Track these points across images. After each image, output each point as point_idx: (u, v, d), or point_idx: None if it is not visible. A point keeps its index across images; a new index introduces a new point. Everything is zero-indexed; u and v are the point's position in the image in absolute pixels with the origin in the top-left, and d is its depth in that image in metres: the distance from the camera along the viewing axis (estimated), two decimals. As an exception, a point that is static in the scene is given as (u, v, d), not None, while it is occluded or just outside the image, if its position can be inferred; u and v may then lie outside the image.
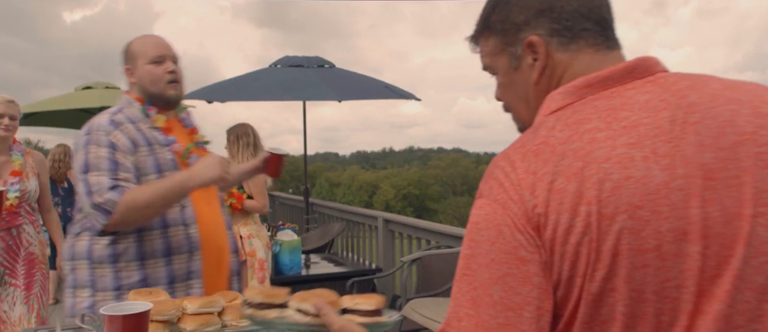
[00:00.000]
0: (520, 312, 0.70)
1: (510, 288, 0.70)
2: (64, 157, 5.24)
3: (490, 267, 0.71)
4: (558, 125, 0.74)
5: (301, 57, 5.35)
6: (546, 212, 0.69)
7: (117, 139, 1.67)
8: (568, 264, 0.69)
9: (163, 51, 1.77)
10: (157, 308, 1.39)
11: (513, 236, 0.70)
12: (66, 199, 5.24)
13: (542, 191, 0.70)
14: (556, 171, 0.70)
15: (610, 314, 0.69)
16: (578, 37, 0.79)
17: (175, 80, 1.78)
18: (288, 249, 3.74)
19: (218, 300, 1.52)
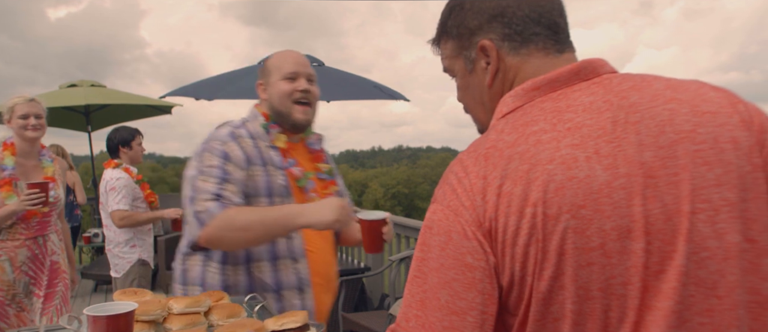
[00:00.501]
0: (464, 317, 0.73)
1: (455, 293, 0.73)
2: (58, 157, 5.21)
3: (439, 272, 0.74)
4: (507, 128, 0.77)
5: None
6: (495, 215, 0.71)
7: (232, 150, 1.58)
8: (519, 264, 0.71)
9: (298, 68, 1.66)
10: (143, 308, 1.37)
11: (461, 242, 0.73)
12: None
13: (492, 195, 0.72)
14: (505, 175, 0.72)
15: (560, 311, 0.71)
16: (528, 41, 0.82)
17: (306, 102, 1.65)
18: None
19: (204, 300, 1.51)
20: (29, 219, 2.55)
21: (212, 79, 5.39)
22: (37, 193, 2.44)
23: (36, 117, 2.56)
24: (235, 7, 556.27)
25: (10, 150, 2.55)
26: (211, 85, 5.24)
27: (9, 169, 2.51)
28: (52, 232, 2.69)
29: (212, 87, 5.17)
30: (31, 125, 2.54)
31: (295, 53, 1.71)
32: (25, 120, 2.53)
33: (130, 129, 3.71)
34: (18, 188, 2.49)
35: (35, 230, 2.60)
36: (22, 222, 2.54)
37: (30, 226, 2.58)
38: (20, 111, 2.51)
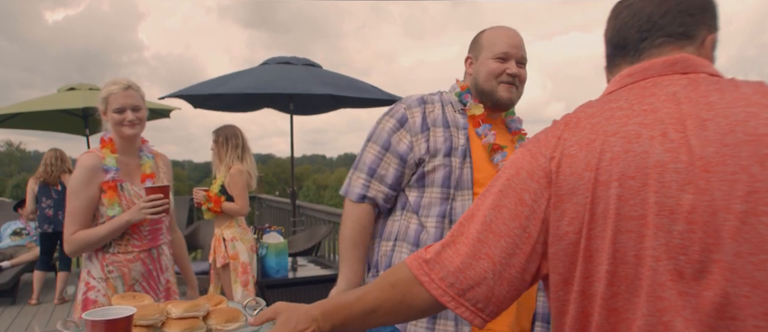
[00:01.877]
0: (499, 239, 0.83)
1: (500, 217, 0.84)
2: (57, 161, 5.23)
3: (497, 195, 0.85)
4: (594, 103, 0.87)
5: (289, 57, 5.34)
6: (558, 171, 0.81)
7: (412, 115, 1.59)
8: (568, 220, 0.80)
9: (511, 50, 1.62)
10: (141, 312, 1.37)
11: (525, 180, 0.83)
12: (59, 202, 5.19)
13: (559, 154, 0.82)
14: (575, 140, 0.82)
15: (597, 272, 0.79)
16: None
17: (513, 84, 1.62)
18: (274, 251, 3.72)
19: (203, 304, 1.51)
20: (139, 227, 2.11)
21: (211, 82, 5.37)
22: (159, 199, 2.04)
23: (133, 109, 2.08)
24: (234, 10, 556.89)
25: (109, 148, 2.10)
26: (209, 87, 5.21)
27: (113, 171, 2.06)
28: (165, 243, 2.23)
29: (211, 88, 5.14)
30: (128, 120, 2.07)
31: (510, 33, 1.65)
32: (121, 114, 2.06)
33: None
34: (124, 192, 2.08)
35: (148, 240, 2.14)
36: (134, 232, 2.09)
37: (142, 235, 2.12)
38: (115, 103, 2.06)
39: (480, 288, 0.84)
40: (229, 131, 3.62)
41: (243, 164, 3.53)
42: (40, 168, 5.24)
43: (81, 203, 2.02)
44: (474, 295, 0.85)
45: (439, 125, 1.59)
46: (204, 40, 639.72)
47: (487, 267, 0.84)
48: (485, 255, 0.84)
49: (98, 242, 2.04)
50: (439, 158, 1.55)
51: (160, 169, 2.25)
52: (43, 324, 4.76)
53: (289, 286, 3.82)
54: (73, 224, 2.03)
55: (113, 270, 2.06)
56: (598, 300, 0.79)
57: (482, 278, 0.84)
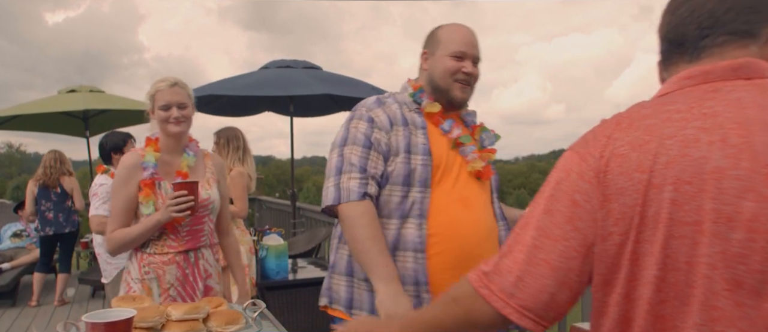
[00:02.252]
0: (555, 243, 0.82)
1: (554, 221, 0.82)
2: (56, 163, 5.21)
3: (548, 200, 0.84)
4: (649, 104, 0.83)
5: (289, 60, 5.35)
6: (606, 171, 0.79)
7: (377, 115, 1.62)
8: (615, 221, 0.78)
9: (467, 49, 1.64)
10: (141, 315, 1.37)
11: (576, 181, 0.82)
12: (58, 205, 5.19)
13: (609, 153, 0.80)
14: (627, 140, 0.79)
15: (645, 276, 0.76)
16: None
17: (468, 83, 1.66)
18: (274, 253, 3.72)
19: (203, 306, 1.51)
20: (177, 227, 2.02)
21: (211, 85, 5.37)
22: (183, 195, 1.93)
23: (179, 107, 2.02)
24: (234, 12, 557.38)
25: (153, 146, 2.07)
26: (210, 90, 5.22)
27: (151, 168, 2.01)
28: (205, 246, 2.10)
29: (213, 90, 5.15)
30: (173, 117, 2.01)
31: (466, 31, 1.67)
32: (166, 111, 2.01)
33: (122, 134, 3.68)
34: (161, 190, 2.01)
35: (186, 242, 2.04)
36: (171, 232, 2.01)
37: (179, 236, 2.03)
38: (161, 100, 2.02)
39: (542, 296, 0.83)
40: (231, 133, 3.62)
41: (244, 166, 3.54)
42: (40, 170, 5.23)
43: (120, 202, 2.00)
44: (535, 304, 0.83)
45: (399, 124, 1.62)
46: (204, 41, 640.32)
47: (546, 273, 0.82)
48: (543, 261, 0.82)
49: (133, 242, 2.00)
50: (400, 156, 1.58)
51: (206, 169, 2.15)
52: (42, 326, 4.76)
53: (290, 288, 3.82)
54: (113, 222, 2.01)
55: (149, 271, 2.00)
56: (644, 305, 0.77)
57: (542, 285, 0.82)
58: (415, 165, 1.57)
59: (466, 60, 1.63)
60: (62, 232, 5.22)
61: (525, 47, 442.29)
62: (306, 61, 5.37)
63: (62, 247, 5.37)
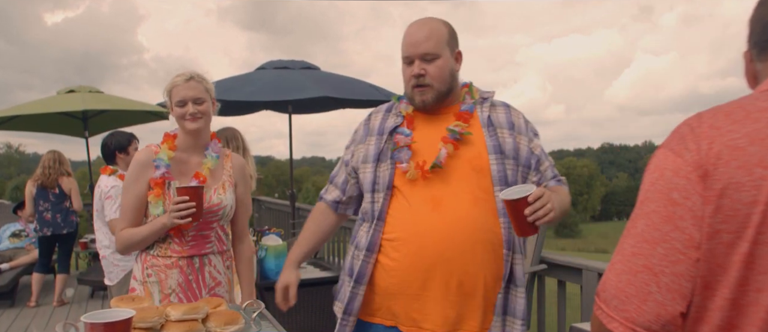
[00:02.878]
0: (654, 246, 0.75)
1: (652, 223, 0.76)
2: (55, 163, 5.19)
3: (643, 203, 0.78)
4: (763, 97, 0.77)
5: (287, 60, 5.35)
6: (717, 164, 0.72)
7: (360, 127, 1.78)
8: (727, 218, 0.71)
9: (409, 51, 1.62)
10: (140, 315, 1.37)
11: (671, 179, 0.75)
12: (56, 205, 5.18)
13: (719, 145, 0.73)
14: (744, 132, 0.73)
15: (763, 282, 0.70)
16: None
17: (420, 85, 1.60)
18: (274, 253, 3.72)
19: (202, 306, 1.51)
20: (182, 231, 1.92)
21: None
22: (184, 201, 1.81)
23: (195, 102, 1.91)
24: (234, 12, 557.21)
25: (168, 143, 1.96)
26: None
27: (162, 167, 1.91)
28: (213, 252, 1.98)
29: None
30: (190, 114, 1.91)
31: (411, 30, 1.63)
32: (182, 107, 1.91)
33: (126, 134, 3.68)
34: (170, 191, 1.92)
35: (190, 247, 1.93)
36: (175, 235, 1.92)
37: (183, 241, 1.93)
38: (177, 96, 1.91)
39: (648, 306, 0.75)
40: (229, 133, 3.62)
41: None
42: (38, 171, 5.22)
43: (130, 200, 1.93)
44: (642, 316, 0.75)
45: (375, 133, 1.70)
46: (204, 42, 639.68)
47: (649, 279, 0.75)
48: (643, 268, 0.75)
49: (140, 243, 1.93)
50: (368, 165, 1.67)
51: (223, 171, 2.03)
52: (41, 326, 4.76)
53: (289, 288, 3.82)
54: (122, 220, 1.95)
55: (151, 274, 1.92)
56: (761, 312, 0.70)
57: (646, 294, 0.75)
58: (381, 171, 1.63)
59: (414, 62, 1.60)
60: (60, 233, 5.22)
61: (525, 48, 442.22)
62: (303, 62, 5.37)
63: (61, 248, 5.36)
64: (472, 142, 1.60)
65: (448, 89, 1.62)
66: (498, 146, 1.59)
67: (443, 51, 1.60)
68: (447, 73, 1.61)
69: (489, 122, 1.62)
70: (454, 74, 1.65)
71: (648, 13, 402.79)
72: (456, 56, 1.65)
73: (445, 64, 1.60)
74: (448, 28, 1.63)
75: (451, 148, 1.58)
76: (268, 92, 4.82)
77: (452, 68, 1.63)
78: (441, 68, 1.59)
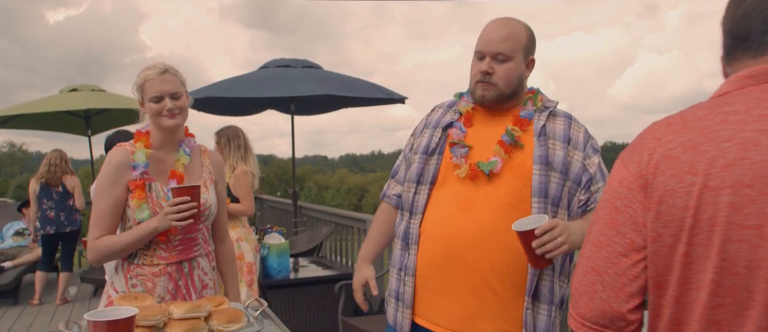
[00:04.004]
0: (600, 250, 0.83)
1: (600, 230, 0.84)
2: (60, 162, 5.22)
3: (597, 211, 0.87)
4: (704, 105, 0.82)
5: (289, 59, 5.35)
6: (655, 173, 0.78)
7: (421, 123, 1.77)
8: (666, 223, 0.77)
9: (484, 47, 1.59)
10: (143, 313, 1.37)
11: (617, 189, 0.83)
12: (60, 204, 5.20)
13: (658, 155, 0.79)
14: (679, 142, 0.78)
15: (700, 280, 0.75)
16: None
17: (486, 82, 1.59)
18: (276, 252, 3.73)
19: (205, 304, 1.51)
20: (169, 236, 1.81)
21: (210, 87, 5.37)
22: (185, 202, 1.71)
23: (172, 97, 1.79)
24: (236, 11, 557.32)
25: (143, 142, 1.84)
26: (210, 91, 5.22)
27: (141, 167, 1.79)
28: (200, 255, 1.89)
29: (212, 92, 5.15)
30: (167, 109, 1.78)
31: (491, 28, 1.61)
32: (158, 103, 1.78)
33: (130, 133, 3.69)
34: (152, 193, 1.80)
35: (178, 252, 1.83)
36: (162, 241, 1.80)
37: (171, 246, 1.82)
38: (151, 90, 1.78)
39: (595, 304, 0.83)
40: (231, 131, 3.63)
41: (247, 165, 3.54)
42: (43, 168, 5.24)
43: (106, 205, 1.78)
44: (592, 313, 0.84)
45: (430, 127, 1.70)
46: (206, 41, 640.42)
47: (595, 279, 0.83)
48: (592, 270, 0.84)
49: (122, 251, 1.78)
50: (417, 155, 1.67)
51: (203, 169, 1.93)
52: (44, 324, 4.77)
53: (291, 287, 3.82)
54: (97, 228, 1.78)
55: (137, 284, 1.79)
56: (699, 309, 0.75)
57: (592, 291, 0.83)
58: (430, 164, 1.65)
59: (485, 58, 1.59)
60: (64, 231, 5.23)
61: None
62: (306, 61, 5.38)
63: (64, 246, 5.38)
64: (521, 150, 1.58)
65: (512, 91, 1.61)
66: (544, 157, 1.55)
67: (517, 55, 1.59)
68: (514, 77, 1.59)
69: (542, 132, 1.59)
70: (522, 80, 1.63)
71: (652, 11, 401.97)
72: (529, 63, 1.64)
73: (515, 68, 1.59)
74: (527, 34, 1.62)
75: (504, 154, 1.57)
76: (270, 89, 4.83)
77: (521, 74, 1.61)
78: (510, 71, 1.58)
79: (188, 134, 1.93)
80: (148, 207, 1.78)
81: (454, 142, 1.63)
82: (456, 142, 1.62)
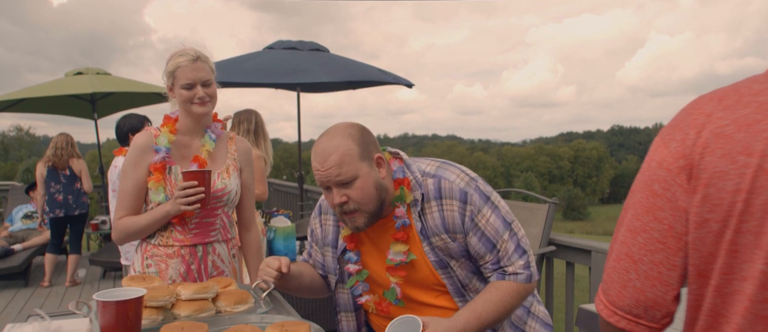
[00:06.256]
0: (635, 236, 0.77)
1: (636, 213, 0.78)
2: (67, 146, 5.25)
3: (632, 194, 0.80)
4: (763, 77, 0.73)
5: (295, 41, 5.31)
6: (703, 152, 0.71)
7: (315, 227, 1.70)
8: (714, 207, 0.70)
9: (322, 180, 1.45)
10: (151, 294, 1.38)
11: (655, 171, 0.76)
12: (67, 187, 5.24)
13: (707, 134, 0.71)
14: (732, 118, 0.70)
15: (748, 270, 0.69)
16: None
17: (345, 213, 1.45)
18: (282, 235, 3.74)
19: (212, 286, 1.52)
20: (185, 219, 1.84)
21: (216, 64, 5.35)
22: (193, 186, 1.74)
23: (203, 85, 1.81)
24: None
25: (169, 127, 1.86)
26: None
27: (163, 151, 1.82)
28: (217, 241, 1.90)
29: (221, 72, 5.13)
30: (198, 97, 1.81)
31: (318, 155, 1.44)
32: (190, 90, 1.80)
33: (139, 116, 3.71)
34: (172, 176, 1.83)
35: (193, 235, 1.85)
36: (178, 223, 1.84)
37: (186, 229, 1.85)
38: (183, 78, 1.80)
39: (628, 293, 0.79)
40: (244, 115, 3.62)
41: (259, 149, 3.55)
42: (49, 152, 5.27)
43: (128, 186, 1.83)
44: (625, 301, 0.79)
45: (329, 244, 1.64)
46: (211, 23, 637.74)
47: (630, 267, 0.78)
48: (626, 256, 0.79)
49: (141, 232, 1.83)
50: (331, 275, 1.65)
51: (228, 155, 1.93)
52: (55, 305, 4.83)
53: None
54: (120, 208, 1.84)
55: (151, 264, 1.84)
56: (744, 302, 0.70)
57: (627, 280, 0.78)
58: (345, 295, 1.64)
59: (332, 189, 1.43)
60: (72, 214, 5.28)
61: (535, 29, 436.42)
62: (312, 43, 5.34)
63: (72, 229, 5.43)
64: (418, 265, 1.49)
65: (378, 205, 1.44)
66: (441, 261, 1.47)
67: (360, 169, 1.40)
68: (372, 190, 1.41)
69: (424, 234, 1.47)
70: (381, 184, 1.44)
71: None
72: (377, 162, 1.45)
73: (367, 181, 1.41)
74: (356, 142, 1.42)
75: (400, 279, 1.50)
76: (276, 76, 4.80)
77: (376, 180, 1.43)
78: (363, 188, 1.40)
79: (216, 120, 1.95)
80: (165, 190, 1.81)
81: (349, 275, 1.57)
82: (353, 275, 1.56)
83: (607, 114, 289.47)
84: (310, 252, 1.72)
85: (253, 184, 2.03)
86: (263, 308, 1.52)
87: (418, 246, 1.48)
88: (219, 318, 1.43)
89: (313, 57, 5.01)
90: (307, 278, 1.66)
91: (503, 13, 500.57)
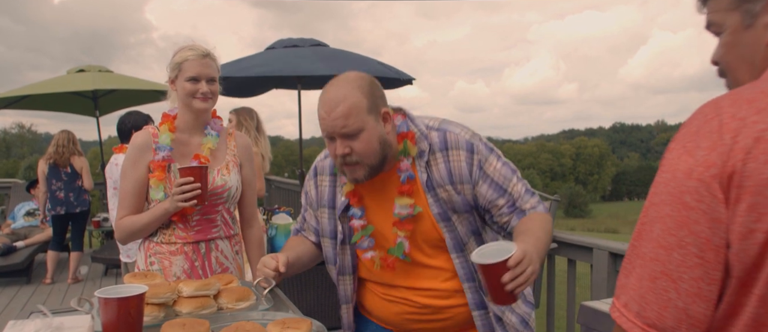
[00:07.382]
0: (671, 252, 0.72)
1: (667, 228, 0.72)
2: (69, 143, 5.25)
3: (656, 207, 0.74)
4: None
5: (296, 39, 5.32)
6: (746, 159, 0.67)
7: (309, 189, 1.69)
8: (756, 216, 0.67)
9: (327, 128, 1.42)
10: (153, 291, 1.38)
11: (683, 182, 0.71)
12: (69, 184, 5.25)
13: (748, 138, 0.68)
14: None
15: None
16: None
17: (346, 164, 1.43)
18: (284, 232, 3.74)
19: (214, 283, 1.52)
20: (186, 216, 1.84)
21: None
22: (189, 183, 1.73)
23: (209, 81, 1.82)
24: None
25: (168, 125, 1.86)
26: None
27: (165, 150, 1.82)
28: (220, 237, 1.90)
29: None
30: (201, 92, 1.81)
31: (325, 104, 1.40)
32: (194, 84, 1.80)
33: (142, 114, 3.72)
34: (170, 173, 1.83)
35: (195, 232, 1.86)
36: (179, 221, 1.84)
37: (188, 226, 1.85)
38: (189, 71, 1.80)
39: (669, 312, 0.73)
40: (242, 113, 3.62)
41: (257, 146, 3.55)
42: (51, 149, 5.28)
43: (129, 186, 1.84)
44: (663, 322, 0.74)
45: (325, 205, 1.62)
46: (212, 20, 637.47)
47: (667, 285, 0.72)
48: (661, 274, 0.73)
49: (142, 231, 1.84)
50: (327, 239, 1.63)
51: (227, 151, 1.93)
52: (57, 302, 4.85)
53: (299, 266, 3.85)
54: (122, 207, 1.85)
55: (154, 262, 1.84)
56: None
57: (665, 299, 0.73)
58: (345, 255, 1.61)
59: (336, 140, 1.41)
60: (74, 211, 5.29)
61: (537, 25, 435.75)
62: (313, 40, 5.34)
63: (74, 226, 5.44)
64: (422, 218, 1.47)
65: (380, 159, 1.42)
66: (444, 213, 1.46)
67: (366, 123, 1.38)
68: (376, 144, 1.40)
69: (429, 186, 1.46)
70: (385, 139, 1.43)
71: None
72: (384, 117, 1.43)
73: (372, 135, 1.39)
74: (365, 93, 1.39)
75: (407, 233, 1.48)
76: (277, 68, 4.81)
77: (381, 135, 1.41)
78: (368, 141, 1.39)
79: (215, 116, 1.94)
80: (165, 188, 1.81)
81: (353, 231, 1.54)
82: (358, 232, 1.53)
83: (609, 111, 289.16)
84: (304, 217, 1.70)
85: (254, 180, 2.02)
86: (265, 305, 1.52)
87: (422, 199, 1.48)
88: (221, 314, 1.43)
89: (313, 51, 5.01)
90: (306, 257, 1.66)
91: (505, 9, 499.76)
